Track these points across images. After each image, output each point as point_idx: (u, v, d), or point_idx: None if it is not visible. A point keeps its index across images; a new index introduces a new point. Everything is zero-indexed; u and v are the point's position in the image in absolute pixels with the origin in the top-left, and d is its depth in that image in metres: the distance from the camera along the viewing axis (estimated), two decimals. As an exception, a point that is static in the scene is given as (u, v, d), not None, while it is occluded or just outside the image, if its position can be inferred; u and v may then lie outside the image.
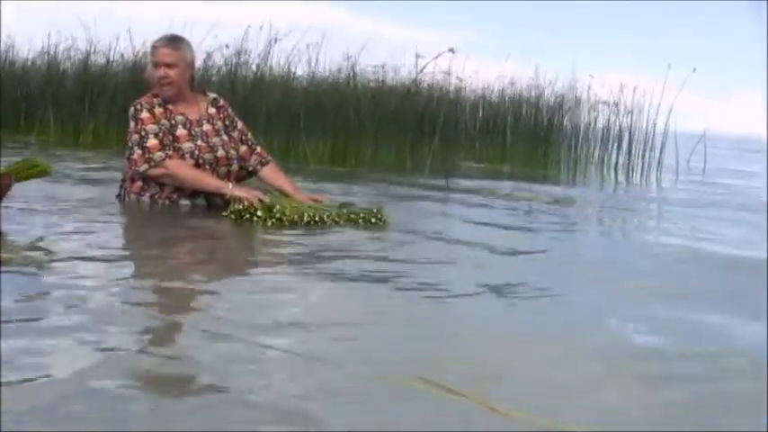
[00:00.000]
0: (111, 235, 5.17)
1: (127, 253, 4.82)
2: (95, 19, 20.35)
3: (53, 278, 3.76)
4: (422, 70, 13.48)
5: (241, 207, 5.67)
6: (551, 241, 5.94)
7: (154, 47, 6.10)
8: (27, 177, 5.23)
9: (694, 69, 14.20)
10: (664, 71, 14.07)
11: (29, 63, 14.83)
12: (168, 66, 5.95)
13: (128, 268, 4.32)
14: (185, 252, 4.95)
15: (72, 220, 5.39)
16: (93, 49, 14.18)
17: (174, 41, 6.06)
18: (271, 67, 13.34)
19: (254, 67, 13.29)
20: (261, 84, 13.08)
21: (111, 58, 13.94)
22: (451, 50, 12.83)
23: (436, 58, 13.05)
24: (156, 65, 6.00)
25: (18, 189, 5.16)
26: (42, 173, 5.35)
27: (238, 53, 13.32)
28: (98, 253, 4.38)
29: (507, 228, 6.36)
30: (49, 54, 14.56)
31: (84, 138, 13.09)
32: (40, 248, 4.45)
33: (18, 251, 4.24)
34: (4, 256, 4.04)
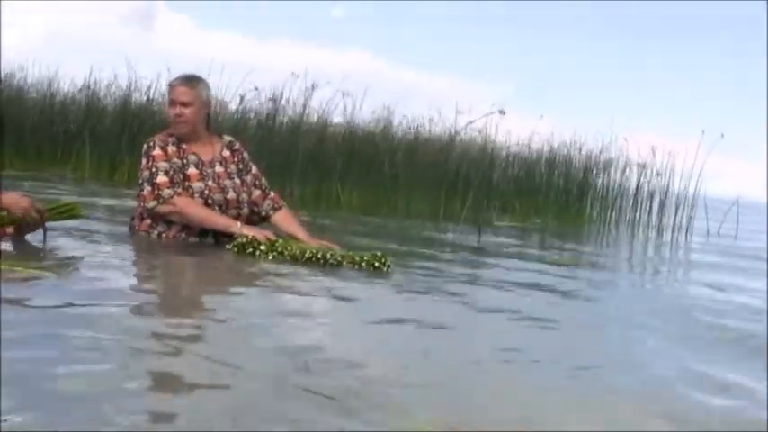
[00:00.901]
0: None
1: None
2: (138, 56, 20.58)
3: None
4: (465, 128, 13.49)
5: (244, 240, 5.66)
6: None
7: (171, 85, 6.12)
8: (59, 218, 5.47)
9: (722, 135, 14.12)
10: (696, 133, 14.11)
11: (69, 97, 14.98)
12: (183, 104, 5.96)
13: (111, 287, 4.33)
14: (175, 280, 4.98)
15: (84, 251, 5.37)
16: (133, 87, 14.32)
17: (191, 81, 6.06)
18: (308, 115, 13.39)
19: (291, 113, 13.34)
20: (297, 131, 13.12)
21: (152, 96, 14.06)
22: (502, 112, 12.77)
23: (483, 117, 13.08)
24: (172, 103, 6.01)
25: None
26: (74, 215, 5.59)
27: (276, 99, 13.37)
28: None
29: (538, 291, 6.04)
30: (89, 89, 14.70)
31: (119, 175, 13.16)
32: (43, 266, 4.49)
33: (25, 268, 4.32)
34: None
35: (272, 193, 6.32)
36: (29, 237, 5.34)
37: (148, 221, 5.96)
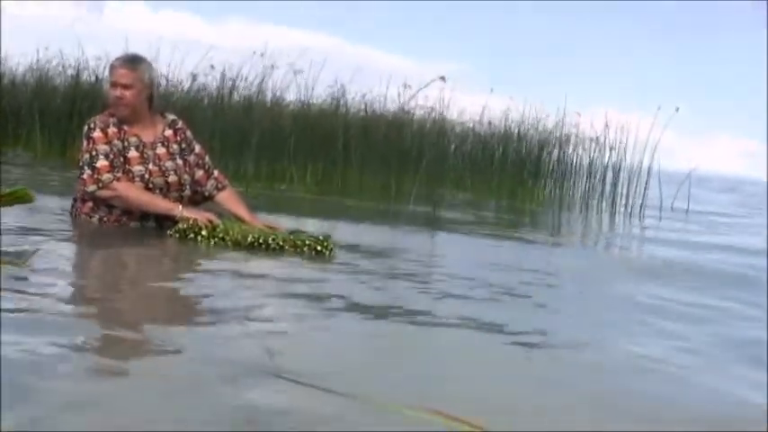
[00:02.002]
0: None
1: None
2: (88, 37, 20.43)
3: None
4: (412, 98, 13.46)
5: (185, 226, 5.61)
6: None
7: (112, 66, 6.05)
8: (8, 203, 5.30)
9: (677, 109, 14.11)
10: (651, 109, 14.06)
11: (18, 77, 14.84)
12: (124, 86, 5.88)
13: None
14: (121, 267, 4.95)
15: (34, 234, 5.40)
16: (83, 66, 14.19)
17: (132, 62, 5.98)
18: (262, 93, 13.32)
19: (244, 92, 13.27)
20: (251, 109, 13.05)
21: (101, 76, 13.92)
22: (442, 78, 12.73)
23: (427, 85, 12.98)
24: (113, 84, 5.93)
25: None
26: (24, 200, 5.40)
27: (229, 77, 13.30)
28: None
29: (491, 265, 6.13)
30: (38, 69, 14.56)
31: (70, 154, 13.04)
32: None
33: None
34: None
35: (215, 173, 6.26)
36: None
37: (90, 204, 5.90)
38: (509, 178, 14.80)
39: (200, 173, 6.15)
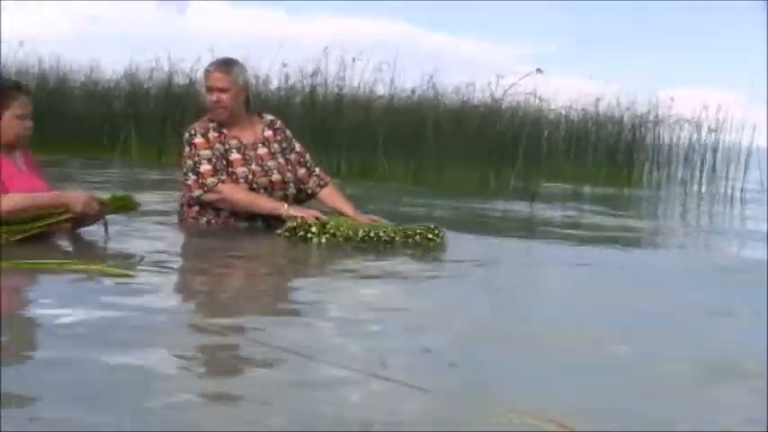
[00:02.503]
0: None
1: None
2: (176, 38, 20.66)
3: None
4: (506, 92, 13.36)
5: (295, 224, 5.60)
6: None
7: (206, 71, 6.07)
8: (115, 211, 5.43)
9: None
10: (741, 87, 13.85)
11: (113, 83, 15.06)
12: (220, 90, 5.90)
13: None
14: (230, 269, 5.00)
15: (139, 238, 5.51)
16: (174, 70, 14.34)
17: (226, 65, 6.00)
18: (350, 88, 13.33)
19: (333, 88, 13.29)
20: (340, 104, 13.06)
21: (194, 78, 14.07)
22: (539, 71, 12.56)
23: (522, 79, 12.88)
24: (209, 89, 5.95)
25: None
26: (129, 208, 5.53)
27: (316, 73, 13.33)
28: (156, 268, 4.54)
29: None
30: (132, 74, 14.75)
31: (165, 157, 13.21)
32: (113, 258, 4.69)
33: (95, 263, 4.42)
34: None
35: (317, 170, 6.26)
36: (83, 230, 5.33)
37: (196, 209, 5.94)
38: (605, 164, 14.61)
39: (301, 171, 6.16)
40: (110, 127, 14.17)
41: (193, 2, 32.51)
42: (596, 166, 14.58)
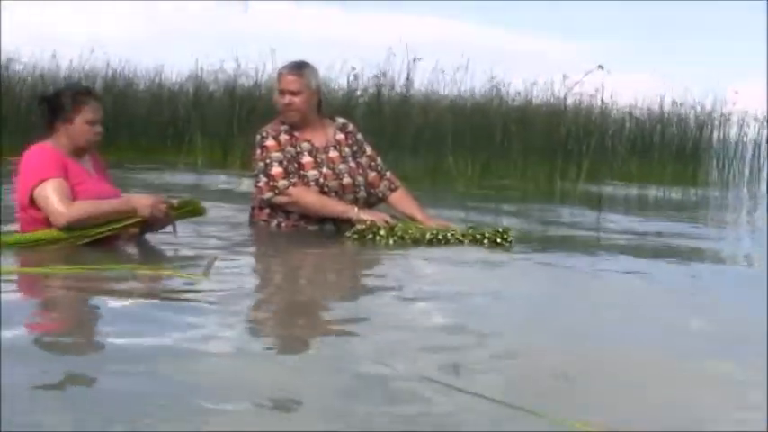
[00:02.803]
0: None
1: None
2: (238, 38, 20.80)
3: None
4: (570, 91, 13.28)
5: (363, 227, 5.61)
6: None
7: (279, 74, 6.08)
8: (182, 216, 5.43)
9: None
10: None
11: (177, 86, 15.15)
12: (293, 93, 5.90)
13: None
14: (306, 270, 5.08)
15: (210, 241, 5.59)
16: (239, 72, 14.40)
17: (299, 68, 6.00)
18: (414, 88, 13.32)
19: (398, 89, 13.27)
20: (406, 106, 13.04)
21: (258, 80, 14.12)
22: (601, 67, 12.49)
23: (585, 76, 12.80)
24: (281, 92, 5.96)
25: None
26: (196, 213, 5.54)
27: (381, 74, 13.32)
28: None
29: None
30: (196, 77, 14.83)
31: (231, 159, 13.25)
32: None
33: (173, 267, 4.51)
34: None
35: (388, 174, 6.24)
36: (149, 235, 5.38)
37: (267, 211, 5.95)
38: (671, 162, 14.45)
39: (372, 174, 6.14)
40: (174, 130, 14.26)
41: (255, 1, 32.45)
42: (662, 165, 14.41)
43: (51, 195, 4.82)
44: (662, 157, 14.57)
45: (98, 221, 4.94)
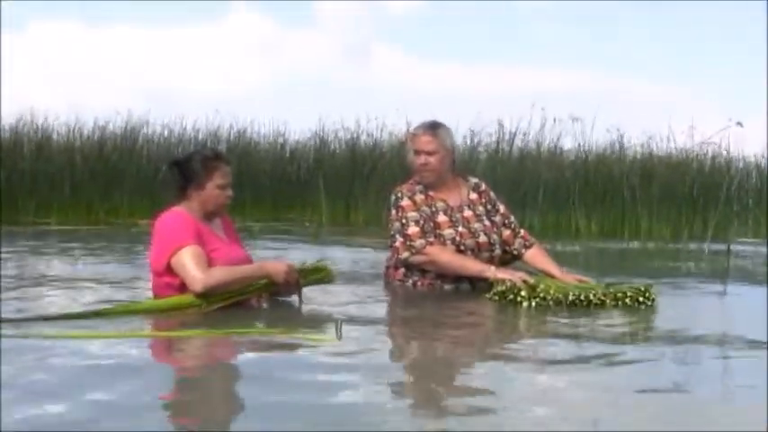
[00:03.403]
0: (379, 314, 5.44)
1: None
2: (358, 94, 21.09)
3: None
4: (702, 145, 13.10)
5: (504, 288, 5.57)
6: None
7: (413, 134, 6.14)
8: (312, 283, 5.48)
9: None
10: None
11: (300, 144, 15.36)
12: (428, 153, 5.96)
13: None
14: (446, 332, 4.97)
15: (343, 303, 5.56)
16: (361, 130, 14.54)
17: (433, 128, 6.05)
18: (538, 143, 13.30)
19: (519, 142, 13.28)
20: (529, 159, 13.03)
21: (379, 138, 14.25)
22: (740, 125, 12.03)
23: (720, 132, 12.57)
24: (417, 152, 6.01)
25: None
26: (326, 280, 5.58)
27: (506, 130, 13.36)
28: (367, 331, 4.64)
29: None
30: (318, 136, 15.02)
31: (353, 217, 13.36)
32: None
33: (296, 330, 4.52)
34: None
35: (521, 231, 6.25)
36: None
37: (402, 270, 5.99)
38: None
39: (506, 232, 6.15)
40: (299, 188, 14.42)
41: (377, 50, 32.72)
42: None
43: (189, 262, 4.90)
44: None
45: (233, 287, 5.02)
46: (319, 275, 5.50)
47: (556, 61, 29.10)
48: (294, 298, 5.32)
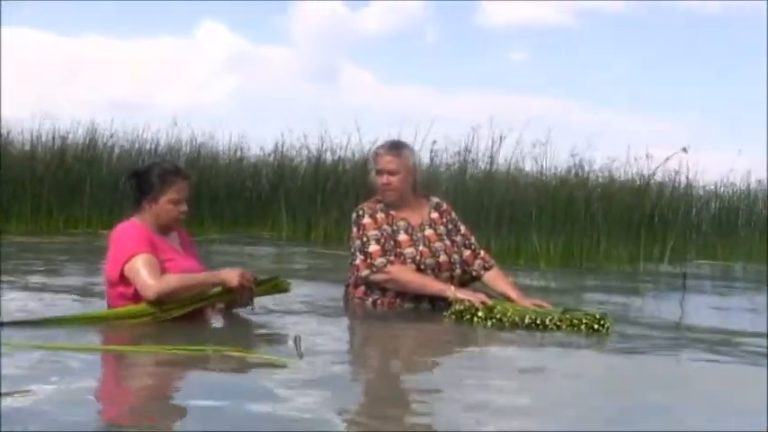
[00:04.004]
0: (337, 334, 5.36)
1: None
2: (324, 113, 21.07)
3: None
4: (654, 172, 13.29)
5: (462, 308, 5.60)
6: None
7: (376, 153, 6.14)
8: (266, 292, 5.49)
9: None
10: None
11: (261, 160, 15.34)
12: (390, 173, 5.96)
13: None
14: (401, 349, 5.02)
15: (301, 321, 5.54)
16: (324, 147, 14.55)
17: (397, 148, 6.07)
18: (498, 165, 13.36)
19: (480, 165, 13.34)
20: (489, 182, 13.07)
21: (343, 156, 14.26)
22: (684, 150, 12.59)
23: (667, 160, 12.88)
24: (379, 172, 6.01)
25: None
26: (281, 290, 5.59)
27: (465, 151, 13.41)
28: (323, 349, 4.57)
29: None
30: (280, 151, 15.02)
31: (315, 234, 13.36)
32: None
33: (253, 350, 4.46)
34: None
35: (482, 252, 6.26)
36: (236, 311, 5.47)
37: (363, 288, 5.99)
38: (757, 241, 14.27)
39: (467, 253, 6.16)
40: (259, 204, 14.41)
41: (345, 70, 32.70)
42: (748, 244, 14.25)
43: (141, 269, 4.90)
44: (748, 235, 14.42)
45: (187, 294, 5.02)
46: (273, 284, 5.50)
47: (522, 87, 29.29)
48: (248, 309, 5.31)
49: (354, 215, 6.07)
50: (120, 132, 15.10)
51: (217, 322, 5.29)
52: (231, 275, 5.10)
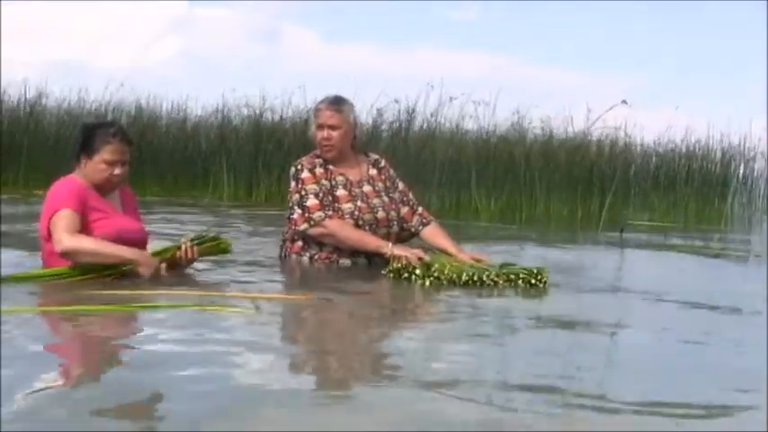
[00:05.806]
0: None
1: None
2: (266, 74, 20.92)
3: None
4: (593, 125, 13.33)
5: (400, 265, 5.62)
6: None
7: (317, 109, 6.13)
8: (207, 253, 5.50)
9: None
10: None
11: (202, 120, 15.23)
12: (331, 128, 5.97)
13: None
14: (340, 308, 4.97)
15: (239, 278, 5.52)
16: (265, 107, 14.48)
17: (338, 104, 6.06)
18: (441, 123, 13.38)
19: (424, 125, 13.35)
20: (431, 140, 13.10)
21: (284, 115, 14.20)
22: (624, 102, 12.45)
23: (608, 111, 12.81)
24: (319, 126, 6.01)
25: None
26: (222, 251, 5.60)
27: (409, 110, 13.41)
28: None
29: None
30: (221, 112, 14.92)
31: (256, 195, 13.33)
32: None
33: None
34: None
35: (420, 209, 6.27)
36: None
37: (300, 244, 6.00)
38: (694, 198, 14.44)
39: (405, 209, 6.18)
40: (201, 164, 14.34)
41: (287, 29, 32.35)
42: (685, 201, 14.41)
43: (60, 223, 4.88)
44: (686, 193, 14.56)
45: (97, 260, 4.97)
46: (214, 244, 5.50)
47: (465, 45, 29.25)
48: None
49: (293, 170, 6.07)
50: (58, 93, 14.94)
51: (170, 277, 5.20)
52: (145, 267, 5.05)
